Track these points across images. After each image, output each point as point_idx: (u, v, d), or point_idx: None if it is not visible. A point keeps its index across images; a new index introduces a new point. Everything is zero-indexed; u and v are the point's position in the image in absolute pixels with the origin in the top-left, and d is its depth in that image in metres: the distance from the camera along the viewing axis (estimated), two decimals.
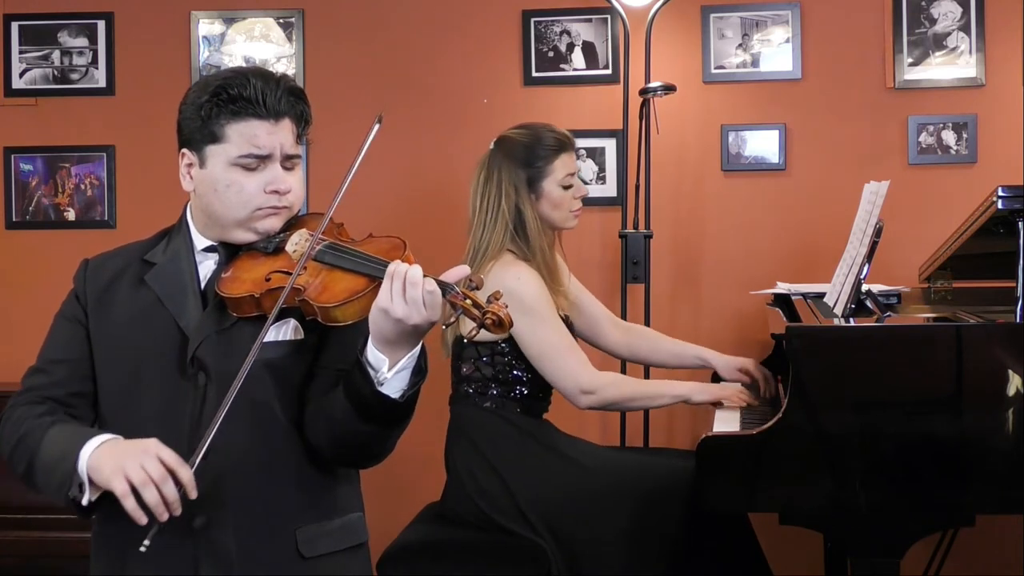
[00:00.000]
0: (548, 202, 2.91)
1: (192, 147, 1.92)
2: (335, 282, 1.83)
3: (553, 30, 3.90)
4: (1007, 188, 2.32)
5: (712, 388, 2.91)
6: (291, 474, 1.91)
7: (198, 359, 1.88)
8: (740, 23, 3.84)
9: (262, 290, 1.84)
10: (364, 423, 1.81)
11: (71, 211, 4.04)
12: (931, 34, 3.77)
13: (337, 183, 1.91)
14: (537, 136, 2.93)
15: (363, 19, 3.97)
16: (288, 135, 1.90)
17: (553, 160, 2.90)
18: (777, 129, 3.83)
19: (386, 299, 1.73)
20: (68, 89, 4.04)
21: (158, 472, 1.70)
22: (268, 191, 1.89)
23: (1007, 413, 2.26)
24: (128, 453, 1.73)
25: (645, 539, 2.71)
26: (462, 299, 1.77)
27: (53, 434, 1.84)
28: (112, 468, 1.72)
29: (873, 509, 2.28)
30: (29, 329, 1.98)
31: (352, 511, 2.00)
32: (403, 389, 1.79)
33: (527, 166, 2.89)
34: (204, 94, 1.88)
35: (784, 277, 3.51)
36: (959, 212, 2.81)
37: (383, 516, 2.76)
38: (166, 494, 1.70)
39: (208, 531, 1.85)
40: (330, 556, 1.94)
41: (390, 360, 1.77)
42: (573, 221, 2.98)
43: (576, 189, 2.95)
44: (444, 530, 2.83)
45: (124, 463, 1.71)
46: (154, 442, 1.74)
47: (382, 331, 1.75)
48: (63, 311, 2.00)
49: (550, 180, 2.90)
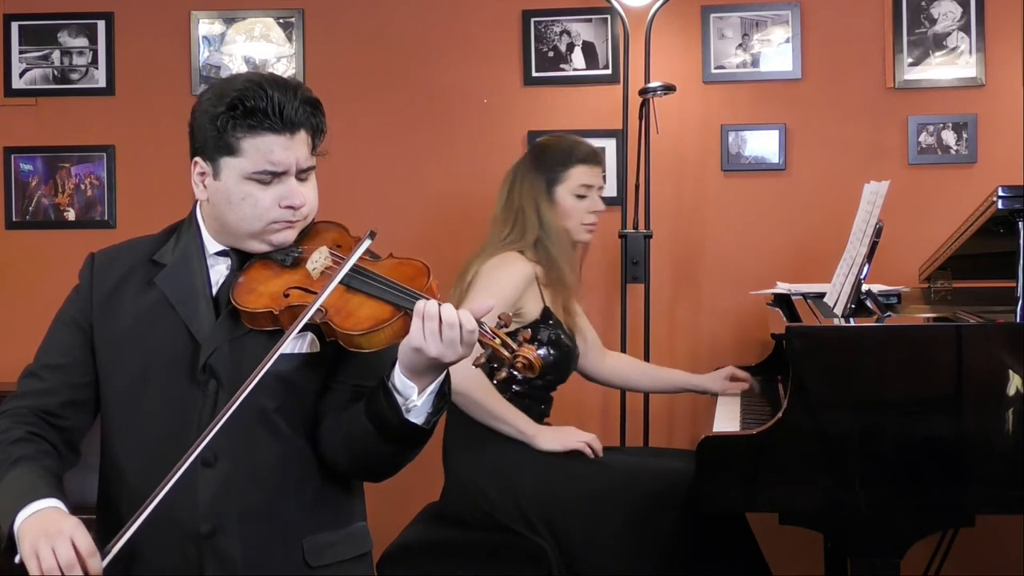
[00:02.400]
0: (560, 210, 2.94)
1: (205, 156, 1.87)
2: (359, 308, 1.81)
3: (553, 30, 3.90)
4: (1007, 188, 2.32)
5: (562, 437, 2.83)
6: (299, 485, 1.90)
7: (210, 367, 1.86)
8: (740, 23, 3.84)
9: (281, 307, 1.82)
10: (386, 444, 1.81)
11: (71, 211, 4.04)
12: (931, 34, 3.77)
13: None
14: (561, 144, 3.00)
15: (363, 19, 3.97)
16: (303, 148, 1.86)
17: (570, 168, 2.94)
18: (777, 129, 3.83)
19: (419, 339, 1.72)
20: (68, 89, 4.04)
21: (67, 559, 1.64)
22: (283, 206, 1.86)
23: (1007, 413, 2.26)
24: (46, 533, 1.67)
25: (644, 540, 2.71)
26: (491, 338, 1.75)
27: (10, 480, 1.79)
28: (29, 546, 1.67)
29: (873, 509, 2.28)
30: (29, 329, 1.97)
31: (357, 520, 2.00)
32: (427, 413, 1.79)
33: (547, 171, 2.95)
34: (220, 105, 1.83)
35: (784, 277, 3.51)
36: (959, 212, 2.81)
37: (382, 517, 2.76)
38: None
39: (214, 539, 1.85)
40: (336, 565, 1.93)
41: (418, 387, 1.77)
42: (585, 235, 2.99)
43: (591, 203, 2.96)
44: (444, 530, 2.83)
45: (38, 544, 1.66)
46: (73, 524, 1.69)
47: (413, 365, 1.75)
48: (63, 314, 1.97)
49: (563, 188, 2.93)
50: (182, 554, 1.84)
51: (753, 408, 2.83)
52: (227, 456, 1.84)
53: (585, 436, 2.85)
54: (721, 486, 2.38)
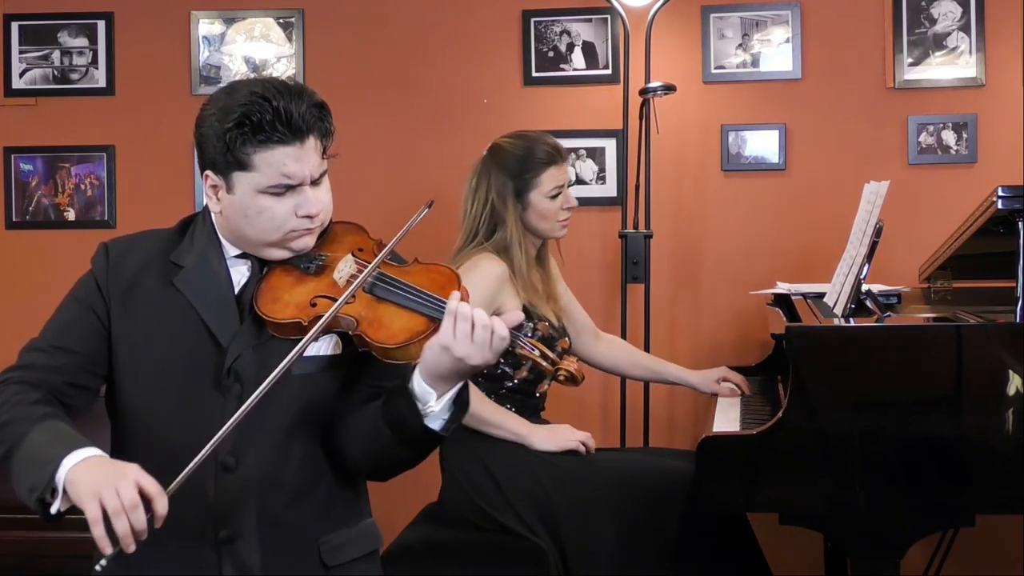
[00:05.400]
0: (535, 213, 2.92)
1: (217, 171, 1.85)
2: (392, 319, 1.80)
3: (553, 30, 3.90)
4: (1007, 188, 2.32)
5: (557, 436, 2.83)
6: (316, 486, 1.90)
7: (235, 371, 1.85)
8: (740, 23, 3.84)
9: (308, 317, 1.81)
10: (402, 448, 1.82)
11: (71, 211, 4.04)
12: (931, 34, 3.77)
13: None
14: (528, 148, 2.93)
15: (363, 19, 3.97)
16: (314, 156, 1.84)
17: (541, 173, 2.91)
18: (777, 129, 3.83)
19: (448, 337, 1.72)
20: (68, 89, 4.04)
21: (131, 500, 1.62)
22: (300, 215, 1.85)
23: (1007, 413, 2.26)
24: (106, 476, 1.65)
25: (644, 540, 2.71)
26: (531, 350, 1.75)
27: (41, 430, 1.75)
28: (88, 489, 1.64)
29: (873, 509, 2.28)
30: (29, 329, 1.96)
31: (365, 516, 2.01)
32: (444, 419, 1.80)
33: (515, 177, 2.91)
34: (226, 120, 1.80)
35: (784, 277, 3.51)
36: (959, 212, 2.81)
37: (383, 517, 2.75)
38: (134, 523, 1.62)
39: (233, 543, 1.84)
40: (350, 564, 1.94)
41: (437, 392, 1.77)
42: (561, 231, 2.98)
43: (564, 199, 2.95)
44: (443, 531, 2.83)
45: (100, 487, 1.63)
46: (135, 468, 1.67)
47: (438, 367, 1.75)
48: (78, 293, 1.92)
49: (537, 192, 2.91)
50: (200, 558, 1.84)
51: (753, 408, 2.83)
52: (247, 460, 1.84)
53: (579, 435, 2.85)
54: (721, 486, 2.38)
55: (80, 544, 2.22)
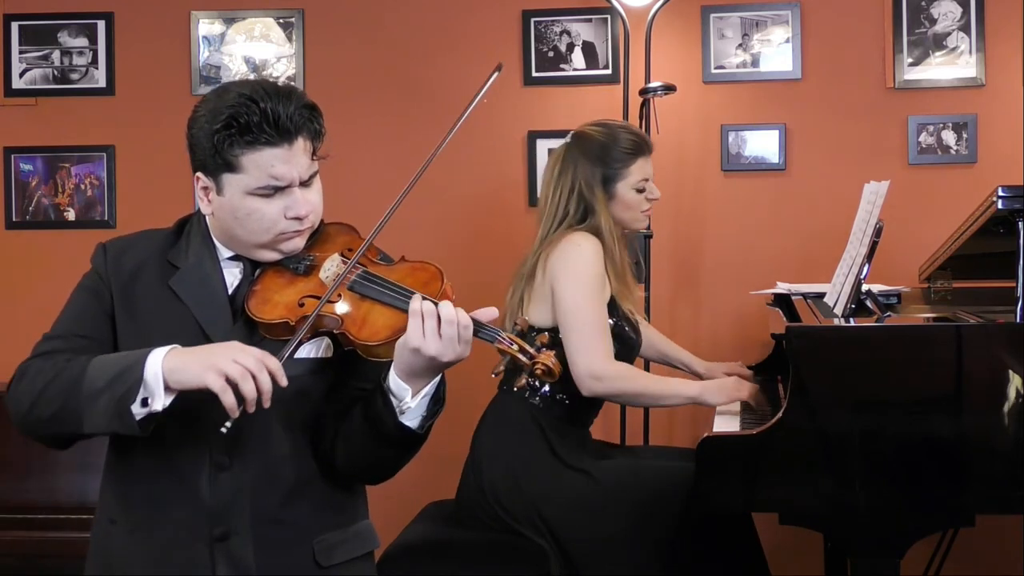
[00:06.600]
0: (620, 203, 2.90)
1: (207, 173, 1.86)
2: (376, 317, 1.81)
3: (553, 30, 3.90)
4: (1007, 188, 2.32)
5: (727, 388, 2.81)
6: (310, 486, 1.91)
7: None
8: (740, 23, 3.84)
9: (297, 316, 1.82)
10: (380, 446, 1.83)
11: (71, 211, 4.04)
12: (931, 34, 3.77)
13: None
14: (615, 136, 2.91)
15: (363, 19, 3.98)
16: (303, 158, 1.84)
17: (630, 164, 2.89)
18: (777, 129, 3.83)
19: (418, 338, 1.72)
20: (68, 89, 4.04)
21: (255, 363, 1.69)
22: (289, 216, 1.85)
23: (1007, 413, 2.25)
24: (215, 352, 1.71)
25: (644, 540, 2.71)
26: (509, 345, 1.75)
27: (100, 361, 1.77)
28: (202, 366, 1.69)
29: (873, 509, 2.28)
30: (29, 329, 1.97)
31: (361, 518, 2.01)
32: (422, 416, 1.80)
33: (604, 165, 2.88)
34: (215, 122, 1.81)
35: (784, 277, 3.51)
36: (959, 212, 2.81)
37: (383, 517, 2.75)
38: (261, 384, 1.68)
39: (227, 542, 1.85)
40: (344, 564, 1.95)
41: (412, 389, 1.78)
42: (643, 222, 2.98)
43: (649, 192, 2.94)
44: (444, 530, 2.83)
45: (214, 360, 1.69)
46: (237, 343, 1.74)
47: (410, 366, 1.76)
48: (86, 284, 1.94)
49: (624, 183, 2.89)
50: (194, 556, 1.84)
51: (753, 408, 2.83)
52: (241, 459, 1.85)
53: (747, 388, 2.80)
54: (721, 486, 2.37)
55: (80, 544, 2.22)
